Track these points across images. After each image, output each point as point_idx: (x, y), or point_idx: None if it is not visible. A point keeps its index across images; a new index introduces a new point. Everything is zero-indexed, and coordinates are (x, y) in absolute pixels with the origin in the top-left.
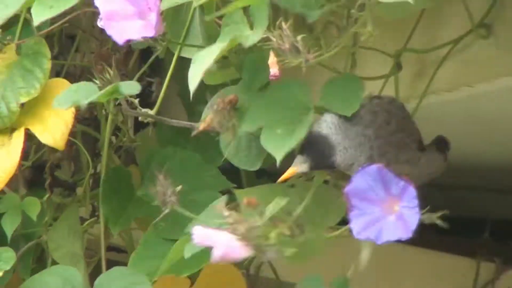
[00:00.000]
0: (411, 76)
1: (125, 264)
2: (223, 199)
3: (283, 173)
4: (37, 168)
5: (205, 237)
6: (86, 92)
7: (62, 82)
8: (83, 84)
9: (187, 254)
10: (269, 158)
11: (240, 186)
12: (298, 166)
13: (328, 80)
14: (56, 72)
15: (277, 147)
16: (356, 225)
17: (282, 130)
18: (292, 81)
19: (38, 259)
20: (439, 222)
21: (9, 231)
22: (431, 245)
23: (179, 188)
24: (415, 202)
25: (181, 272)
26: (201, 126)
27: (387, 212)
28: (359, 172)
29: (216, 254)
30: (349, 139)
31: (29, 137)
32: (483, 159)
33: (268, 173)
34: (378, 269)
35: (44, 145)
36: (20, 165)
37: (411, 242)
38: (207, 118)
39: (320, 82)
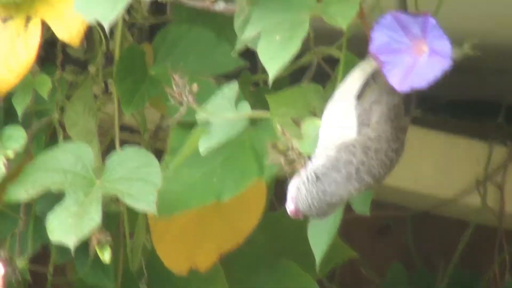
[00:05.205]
0: None
1: (137, 144)
2: (235, 86)
3: None
4: (49, 44)
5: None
6: None
7: None
8: None
9: (202, 149)
10: None
11: (254, 67)
12: None
13: None
14: None
15: (273, 59)
16: (394, 78)
17: (281, 37)
18: None
19: (51, 139)
20: (471, 52)
21: (19, 109)
22: (446, 128)
23: (195, 87)
24: (440, 30)
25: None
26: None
27: (418, 55)
28: (376, 28)
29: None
30: None
31: None
32: (498, 40)
33: None
34: None
35: None
36: None
37: (427, 123)
38: None
39: None
